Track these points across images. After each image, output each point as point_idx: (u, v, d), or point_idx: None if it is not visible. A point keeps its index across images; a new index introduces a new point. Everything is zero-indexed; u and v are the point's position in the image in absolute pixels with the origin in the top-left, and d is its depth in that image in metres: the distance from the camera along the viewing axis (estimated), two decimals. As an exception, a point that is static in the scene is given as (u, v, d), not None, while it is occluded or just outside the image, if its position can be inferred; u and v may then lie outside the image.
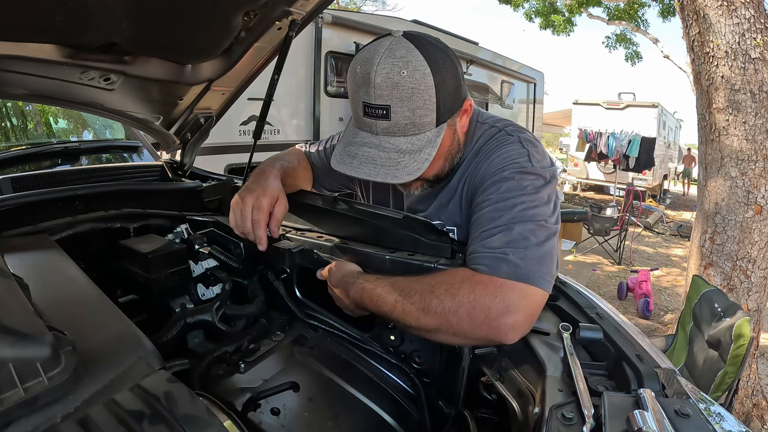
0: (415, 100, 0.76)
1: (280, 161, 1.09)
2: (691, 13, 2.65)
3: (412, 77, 0.75)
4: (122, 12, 0.86)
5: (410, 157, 0.79)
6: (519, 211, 0.76)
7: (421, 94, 0.76)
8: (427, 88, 0.77)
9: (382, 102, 0.76)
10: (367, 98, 0.77)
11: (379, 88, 0.75)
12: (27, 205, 1.05)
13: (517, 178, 0.80)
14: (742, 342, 1.76)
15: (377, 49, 0.77)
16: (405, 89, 0.75)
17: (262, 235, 0.94)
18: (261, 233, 0.93)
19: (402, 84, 0.75)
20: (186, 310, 0.95)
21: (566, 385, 0.60)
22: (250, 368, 0.83)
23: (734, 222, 2.67)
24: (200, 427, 0.47)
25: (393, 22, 5.30)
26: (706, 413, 0.53)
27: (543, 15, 10.36)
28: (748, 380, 2.78)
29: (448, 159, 0.90)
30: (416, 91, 0.76)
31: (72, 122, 2.69)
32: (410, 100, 0.76)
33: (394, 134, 0.79)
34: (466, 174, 0.92)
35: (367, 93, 0.77)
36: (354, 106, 0.82)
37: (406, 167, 0.79)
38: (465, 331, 0.71)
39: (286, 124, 4.29)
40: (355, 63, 0.80)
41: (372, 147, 0.80)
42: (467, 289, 0.71)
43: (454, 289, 0.72)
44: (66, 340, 0.51)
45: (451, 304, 0.70)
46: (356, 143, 0.82)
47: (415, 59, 0.76)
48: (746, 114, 2.55)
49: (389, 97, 0.76)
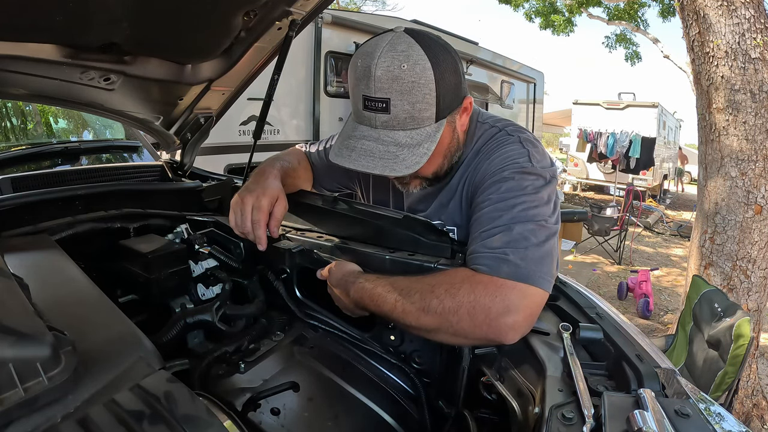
0: (415, 93, 0.77)
1: (280, 161, 1.09)
2: (691, 13, 2.65)
3: (412, 71, 0.76)
4: (122, 12, 0.86)
5: (409, 151, 0.79)
6: (519, 211, 0.76)
7: (421, 88, 0.77)
8: (427, 83, 0.77)
9: (382, 95, 0.77)
10: (367, 91, 0.78)
11: (380, 81, 0.76)
12: (27, 205, 1.05)
13: (518, 178, 0.81)
14: (742, 342, 1.76)
15: (379, 43, 0.78)
16: (405, 83, 0.76)
17: (261, 236, 0.94)
18: (261, 233, 0.94)
19: (402, 77, 0.75)
20: (186, 310, 0.95)
21: (566, 385, 0.60)
22: (250, 368, 0.83)
23: (734, 222, 2.67)
24: (200, 427, 0.47)
25: (393, 22, 5.30)
26: (706, 413, 0.53)
27: (543, 15, 10.35)
28: (748, 380, 2.78)
29: (447, 156, 0.90)
30: (416, 85, 0.76)
31: (72, 122, 2.69)
32: (410, 93, 0.76)
33: (393, 128, 0.79)
34: (467, 174, 0.92)
35: (368, 86, 0.77)
36: (354, 100, 0.82)
37: (404, 161, 0.79)
38: (465, 331, 0.71)
39: (286, 124, 4.29)
40: (356, 57, 0.80)
41: (371, 140, 0.80)
42: (467, 289, 0.71)
43: (454, 289, 0.72)
44: (66, 340, 0.51)
45: (451, 303, 0.70)
46: (355, 137, 0.82)
47: (416, 53, 0.76)
48: (746, 114, 2.55)
49: (389, 90, 0.76)
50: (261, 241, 0.94)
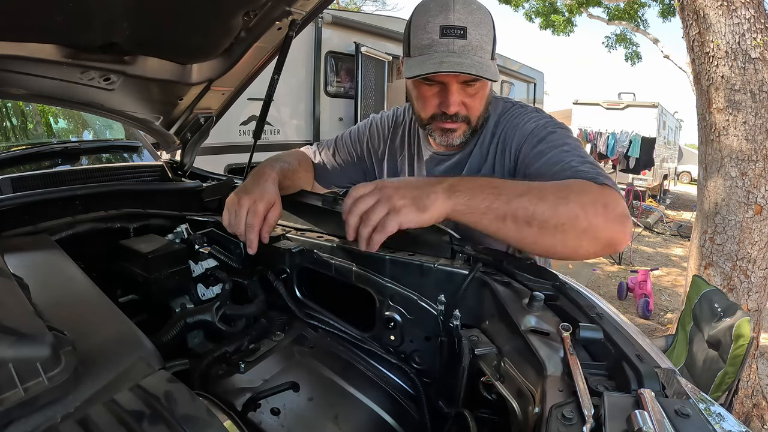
0: (484, 27, 0.90)
1: (280, 162, 1.09)
2: (691, 13, 2.65)
3: (480, 11, 0.91)
4: (122, 12, 0.86)
5: (489, 64, 0.91)
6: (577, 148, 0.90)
7: (487, 26, 0.91)
8: (490, 23, 0.92)
9: (460, 23, 0.88)
10: (445, 21, 0.88)
11: (458, 12, 0.88)
12: (27, 205, 1.05)
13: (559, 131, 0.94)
14: (742, 342, 1.76)
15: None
16: (477, 17, 0.89)
17: (253, 240, 0.93)
18: (253, 237, 0.93)
19: (475, 13, 0.90)
20: (186, 310, 0.95)
21: (566, 385, 0.60)
22: (250, 368, 0.83)
23: (734, 222, 2.67)
24: (200, 427, 0.47)
25: (393, 22, 5.30)
26: (706, 413, 0.53)
27: (543, 15, 10.36)
28: (748, 380, 2.78)
29: (486, 106, 1.00)
30: (484, 22, 0.90)
31: (72, 122, 2.69)
32: (481, 26, 0.89)
33: (468, 53, 0.89)
34: (497, 138, 1.02)
35: (446, 17, 0.88)
36: (422, 36, 0.90)
37: (489, 68, 0.90)
38: (597, 227, 0.72)
39: (286, 124, 4.29)
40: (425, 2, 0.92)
41: (455, 56, 0.88)
42: (596, 188, 0.76)
43: (583, 187, 0.76)
44: (66, 340, 0.51)
45: (587, 198, 0.73)
46: (436, 58, 0.88)
47: (480, 2, 0.92)
48: (746, 114, 2.55)
49: (466, 20, 0.88)
50: (252, 245, 0.93)
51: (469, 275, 0.81)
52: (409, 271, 0.87)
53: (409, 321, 0.88)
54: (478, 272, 0.82)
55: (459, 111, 0.95)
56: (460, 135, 1.00)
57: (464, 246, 0.89)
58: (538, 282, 0.80)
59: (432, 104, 0.97)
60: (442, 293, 0.84)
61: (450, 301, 0.83)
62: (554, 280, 0.81)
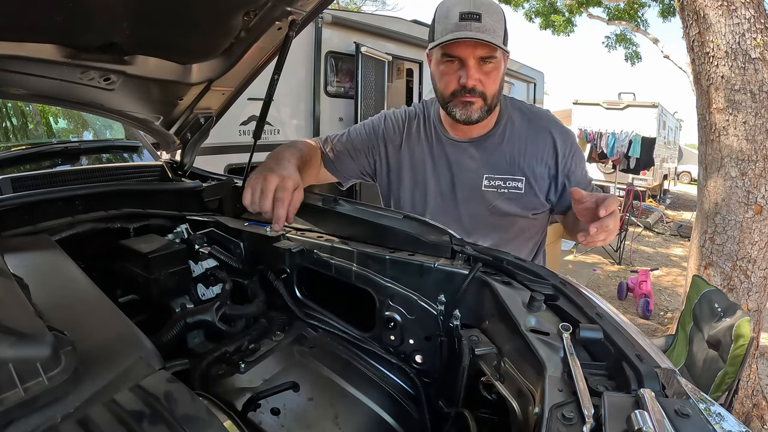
0: (496, 15, 1.05)
1: (297, 149, 1.11)
2: (691, 13, 2.65)
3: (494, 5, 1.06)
4: (122, 12, 0.86)
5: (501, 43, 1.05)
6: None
7: (499, 14, 1.06)
8: (502, 14, 1.07)
9: (477, 10, 1.03)
10: (465, 8, 1.03)
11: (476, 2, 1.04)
12: (27, 205, 1.05)
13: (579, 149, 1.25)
14: (742, 342, 1.76)
15: None
16: (492, 8, 1.05)
17: (281, 215, 0.88)
18: (282, 212, 0.87)
19: (490, 5, 1.05)
20: (186, 310, 0.95)
21: (566, 385, 0.60)
22: (250, 368, 0.83)
23: (734, 222, 2.67)
24: (200, 427, 0.47)
25: (393, 22, 5.30)
26: (706, 413, 0.53)
27: (543, 15, 10.35)
28: (748, 380, 2.78)
29: (499, 89, 1.14)
30: (497, 11, 1.06)
31: (72, 122, 2.69)
32: (494, 14, 1.04)
33: (484, 32, 1.03)
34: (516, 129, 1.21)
35: (466, 6, 1.03)
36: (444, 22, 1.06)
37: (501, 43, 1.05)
38: None
39: (286, 124, 4.29)
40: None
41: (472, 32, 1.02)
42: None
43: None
44: (66, 340, 0.51)
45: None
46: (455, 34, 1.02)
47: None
48: (746, 114, 2.55)
49: (482, 9, 1.03)
50: (280, 220, 0.88)
51: (469, 275, 0.82)
52: (409, 271, 0.87)
53: (409, 321, 0.88)
54: (478, 272, 0.82)
55: (476, 86, 1.09)
56: (478, 109, 1.12)
57: (464, 246, 0.89)
58: (538, 282, 0.81)
59: (453, 80, 1.10)
60: (442, 293, 0.84)
61: (450, 301, 0.83)
62: (554, 280, 0.81)
